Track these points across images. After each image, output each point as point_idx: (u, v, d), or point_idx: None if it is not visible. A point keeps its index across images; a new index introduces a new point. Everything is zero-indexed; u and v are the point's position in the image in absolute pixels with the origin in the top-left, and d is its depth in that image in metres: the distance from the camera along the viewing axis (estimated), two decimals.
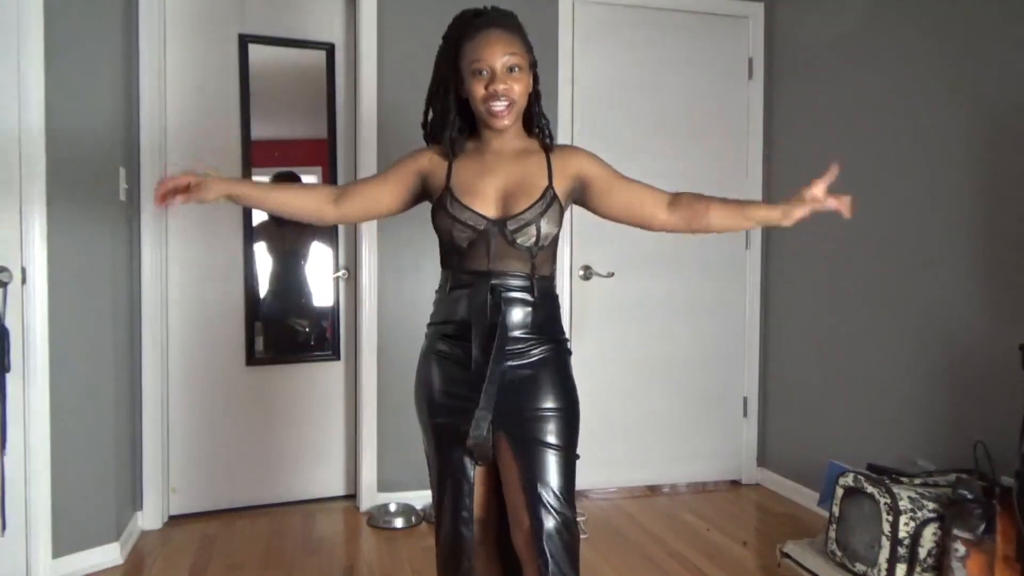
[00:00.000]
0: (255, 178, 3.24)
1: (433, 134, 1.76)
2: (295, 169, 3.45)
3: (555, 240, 1.68)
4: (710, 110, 3.61)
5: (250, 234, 3.26)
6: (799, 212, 1.63)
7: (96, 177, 2.64)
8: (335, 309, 3.41)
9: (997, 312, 2.48)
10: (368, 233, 3.23)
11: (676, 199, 1.68)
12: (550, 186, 1.65)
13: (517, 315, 1.64)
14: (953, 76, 2.65)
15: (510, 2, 3.52)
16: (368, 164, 3.21)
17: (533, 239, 1.62)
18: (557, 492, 1.60)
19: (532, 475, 1.60)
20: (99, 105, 2.64)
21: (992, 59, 2.51)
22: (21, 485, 2.45)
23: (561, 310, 1.76)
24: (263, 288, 3.35)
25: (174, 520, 3.15)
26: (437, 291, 1.75)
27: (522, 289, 1.64)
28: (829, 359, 3.26)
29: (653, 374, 3.57)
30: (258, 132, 3.27)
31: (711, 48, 3.60)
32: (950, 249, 2.66)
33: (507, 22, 1.67)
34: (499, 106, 1.61)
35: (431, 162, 1.74)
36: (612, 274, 3.46)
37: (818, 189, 1.62)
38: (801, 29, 3.45)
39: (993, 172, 2.51)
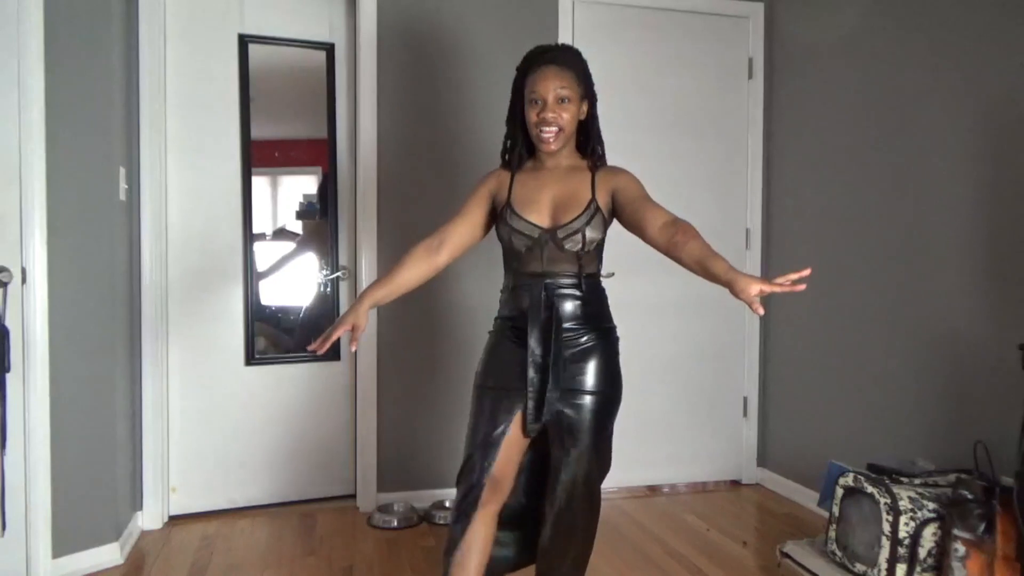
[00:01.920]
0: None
1: (506, 153, 2.03)
2: (295, 169, 3.45)
3: (599, 244, 1.94)
4: (710, 110, 3.61)
5: (250, 234, 3.26)
6: (741, 293, 1.57)
7: (96, 177, 2.64)
8: (335, 309, 3.41)
9: (997, 312, 2.48)
10: (368, 233, 3.23)
11: (672, 224, 1.76)
12: (593, 198, 1.90)
13: (568, 309, 1.90)
14: (954, 76, 2.65)
15: (509, 2, 3.54)
16: (368, 164, 3.21)
17: (580, 244, 1.88)
18: (586, 467, 1.86)
19: (567, 446, 1.86)
20: (99, 105, 2.64)
21: (993, 59, 2.51)
22: (21, 485, 2.45)
23: (605, 304, 2.00)
24: (264, 288, 3.35)
25: (174, 520, 3.15)
26: (502, 291, 2.02)
27: (572, 286, 1.91)
28: (829, 359, 3.26)
29: (653, 374, 3.57)
30: (258, 132, 3.27)
31: (711, 48, 3.60)
32: (950, 249, 2.66)
33: (564, 59, 1.93)
34: (547, 132, 1.89)
35: (498, 181, 2.02)
36: (612, 274, 3.43)
37: (754, 290, 1.56)
38: (801, 29, 3.45)
39: (993, 172, 2.51)
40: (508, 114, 2.02)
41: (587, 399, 1.88)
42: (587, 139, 2.00)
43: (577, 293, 1.91)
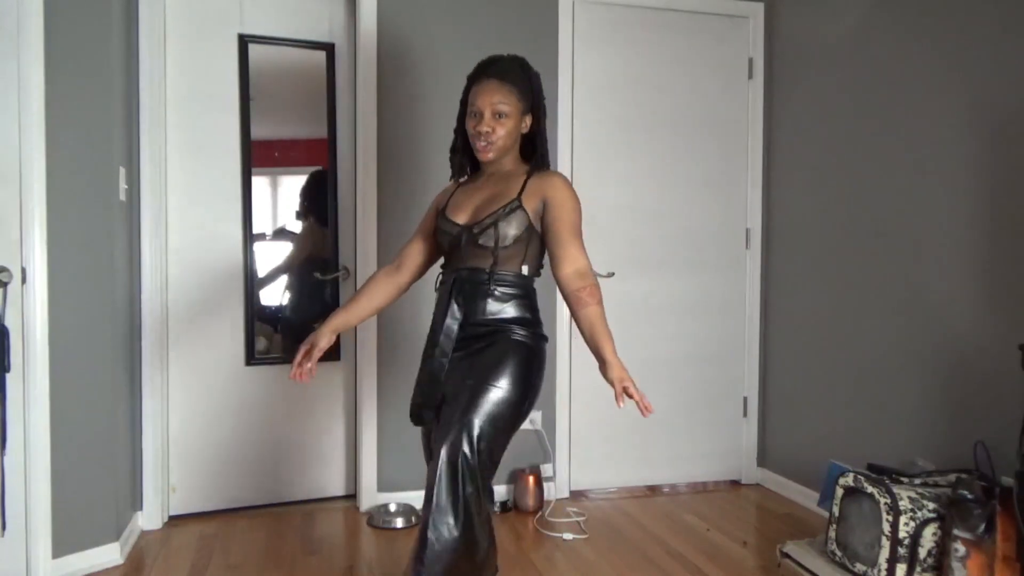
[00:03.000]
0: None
1: (451, 160, 2.10)
2: (295, 169, 3.45)
3: (520, 242, 1.90)
4: (710, 110, 3.61)
5: (250, 234, 3.26)
6: (611, 379, 1.77)
7: (96, 177, 2.64)
8: (334, 309, 3.40)
9: (997, 312, 2.48)
10: (367, 233, 3.23)
11: (582, 276, 1.84)
12: (517, 198, 1.91)
13: (476, 303, 1.91)
14: (953, 75, 2.65)
15: (509, 2, 3.53)
16: (368, 164, 3.21)
17: (493, 240, 1.88)
18: (466, 446, 1.75)
19: (447, 422, 1.81)
20: (99, 105, 2.64)
21: (992, 58, 2.51)
22: (21, 485, 2.45)
23: (530, 306, 1.96)
24: (264, 288, 3.35)
25: (174, 520, 3.15)
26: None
27: (483, 283, 1.91)
28: (829, 359, 3.26)
29: (653, 374, 3.57)
30: (258, 132, 3.27)
31: (711, 48, 3.60)
32: (950, 249, 2.66)
33: (507, 73, 1.95)
34: (481, 143, 1.94)
35: (444, 194, 2.13)
36: (612, 274, 3.46)
37: (620, 383, 1.75)
38: (801, 29, 3.46)
39: (993, 172, 2.51)
40: (456, 124, 2.06)
41: (468, 383, 1.83)
42: (534, 150, 2.02)
43: (487, 288, 1.90)
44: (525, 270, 1.94)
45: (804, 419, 3.44)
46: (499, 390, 1.82)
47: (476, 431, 1.76)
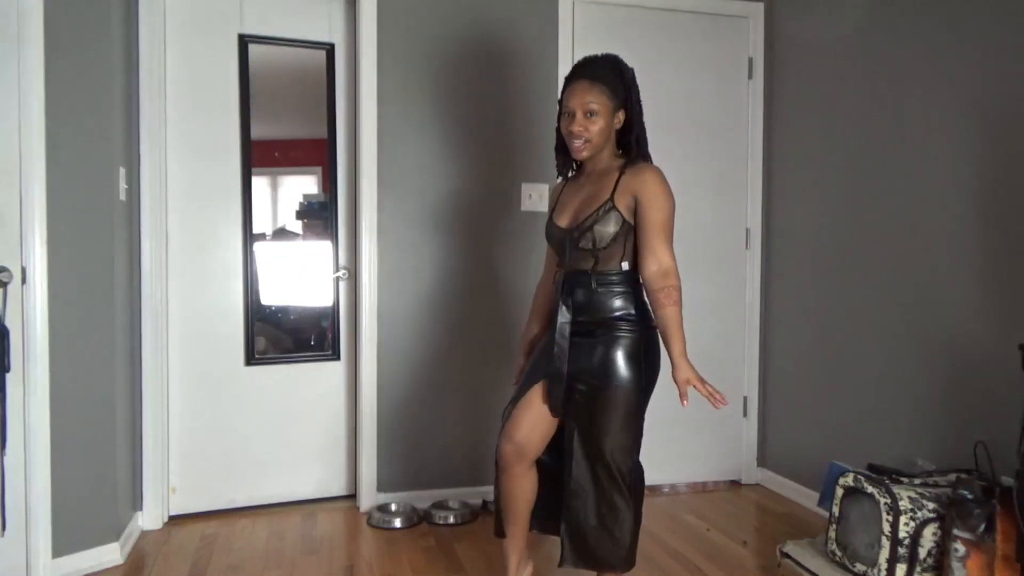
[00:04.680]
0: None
1: (556, 159, 2.20)
2: (295, 169, 3.45)
3: (617, 241, 2.00)
4: (710, 110, 3.61)
5: (250, 234, 3.26)
6: (676, 379, 2.01)
7: (96, 177, 2.64)
8: (335, 309, 3.41)
9: (997, 312, 2.48)
10: (368, 233, 3.23)
11: (663, 277, 1.96)
12: (610, 199, 2.00)
13: (583, 303, 2.04)
14: (954, 75, 2.65)
15: (509, 2, 3.53)
16: (368, 164, 3.21)
17: (591, 242, 2.01)
18: (605, 449, 2.01)
19: (582, 431, 2.03)
20: (99, 105, 2.64)
21: (992, 59, 2.51)
22: (21, 485, 2.45)
23: (633, 298, 2.04)
24: (264, 288, 3.35)
25: (174, 520, 3.15)
26: None
27: (587, 283, 2.04)
28: (829, 359, 3.26)
29: None
30: (258, 132, 3.27)
31: (711, 48, 3.60)
32: (950, 249, 2.66)
33: (597, 73, 2.03)
34: (575, 143, 2.03)
35: (555, 192, 2.25)
36: None
37: (687, 383, 2.02)
38: (801, 29, 3.45)
39: (993, 172, 2.51)
40: (557, 124, 2.13)
41: (584, 388, 2.02)
42: (629, 140, 2.09)
43: (591, 286, 2.03)
44: (625, 265, 2.04)
45: (804, 419, 3.44)
46: (616, 390, 2.00)
47: (610, 453, 2.02)
